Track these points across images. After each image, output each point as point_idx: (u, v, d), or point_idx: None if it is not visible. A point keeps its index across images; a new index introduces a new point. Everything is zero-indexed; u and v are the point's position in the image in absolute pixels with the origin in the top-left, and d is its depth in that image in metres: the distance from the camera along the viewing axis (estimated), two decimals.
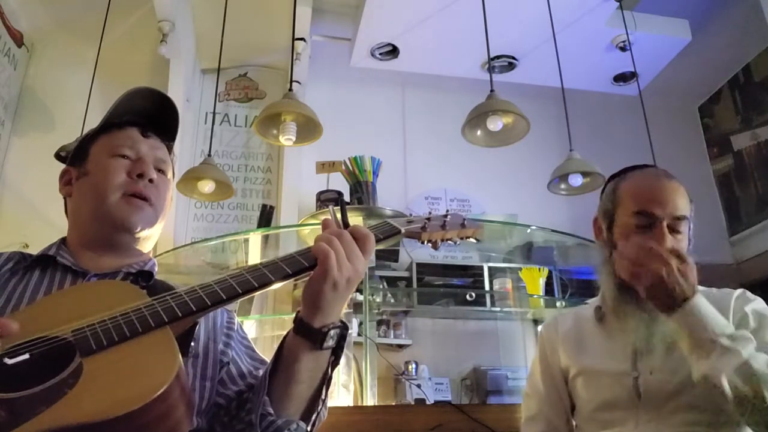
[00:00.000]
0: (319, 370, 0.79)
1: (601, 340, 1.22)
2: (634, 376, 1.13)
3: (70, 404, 0.59)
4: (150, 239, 0.98)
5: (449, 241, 0.95)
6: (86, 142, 0.99)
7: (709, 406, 1.05)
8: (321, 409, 0.81)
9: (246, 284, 0.74)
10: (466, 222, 0.97)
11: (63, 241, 0.96)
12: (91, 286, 0.84)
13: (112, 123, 0.98)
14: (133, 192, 0.92)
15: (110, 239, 0.92)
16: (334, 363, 0.80)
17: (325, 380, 0.80)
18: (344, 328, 0.79)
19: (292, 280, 0.77)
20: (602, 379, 1.19)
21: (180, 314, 0.69)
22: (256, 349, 0.97)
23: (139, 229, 0.93)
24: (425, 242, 0.92)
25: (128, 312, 0.68)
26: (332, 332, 0.76)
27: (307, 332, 0.76)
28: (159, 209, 0.96)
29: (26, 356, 0.63)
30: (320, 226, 0.82)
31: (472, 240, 0.98)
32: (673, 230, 1.12)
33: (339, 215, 0.83)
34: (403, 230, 0.90)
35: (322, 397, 0.81)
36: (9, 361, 0.62)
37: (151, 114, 1.00)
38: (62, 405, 0.59)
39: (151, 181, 0.94)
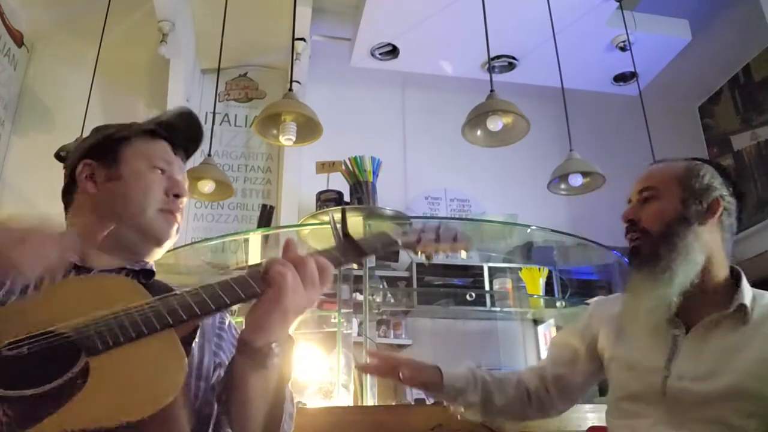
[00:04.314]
0: (269, 386, 0.78)
1: (643, 331, 1.20)
2: (665, 375, 1.12)
3: (80, 407, 0.59)
4: (162, 251, 1.00)
5: (442, 253, 0.99)
6: (116, 142, 0.97)
7: (733, 422, 1.04)
8: (284, 422, 0.82)
9: (249, 288, 0.74)
10: (458, 235, 1.00)
11: None
12: (91, 280, 0.83)
13: (147, 130, 0.98)
14: (170, 210, 0.95)
15: (135, 246, 0.93)
16: (285, 377, 0.80)
17: (282, 395, 0.80)
18: (289, 342, 0.78)
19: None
20: (633, 370, 1.18)
21: (184, 317, 0.69)
22: None
23: (167, 243, 0.96)
24: (420, 254, 0.97)
25: (131, 311, 0.68)
26: (276, 350, 0.76)
27: (249, 352, 0.76)
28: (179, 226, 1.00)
29: (26, 352, 0.63)
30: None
31: (463, 253, 1.01)
32: (644, 200, 1.21)
33: (339, 225, 0.84)
34: (399, 241, 0.93)
35: (287, 410, 0.82)
36: (8, 353, 0.62)
37: (179, 134, 1.02)
38: (72, 407, 0.58)
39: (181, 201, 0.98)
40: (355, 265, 2.85)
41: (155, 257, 0.98)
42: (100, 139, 0.98)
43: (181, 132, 1.02)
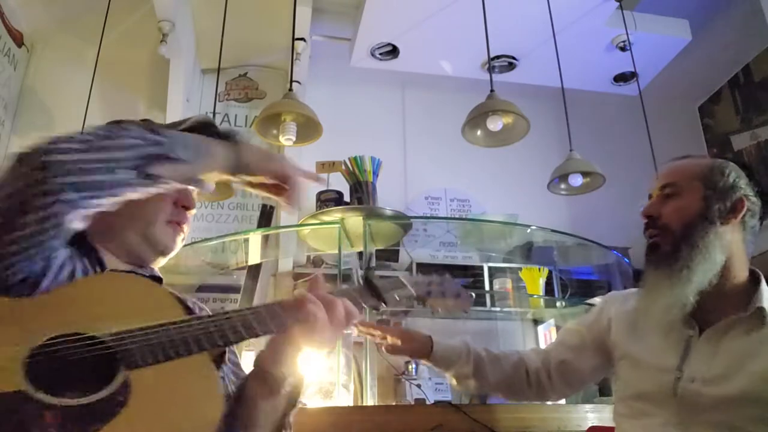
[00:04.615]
0: (276, 412, 0.81)
1: (657, 330, 1.18)
2: (677, 376, 1.10)
3: (125, 427, 0.59)
4: (166, 259, 1.01)
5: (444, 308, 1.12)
6: None
7: (744, 427, 1.02)
8: None
9: (280, 321, 0.77)
10: (461, 293, 1.11)
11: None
12: (119, 279, 0.83)
13: None
14: (177, 221, 0.96)
15: (139, 253, 0.94)
16: (292, 404, 0.83)
17: (283, 423, 0.83)
18: (300, 373, 0.83)
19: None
20: (644, 369, 1.17)
21: (219, 343, 0.72)
22: (241, 366, 0.99)
23: (172, 254, 0.97)
24: (426, 305, 1.08)
25: (170, 329, 0.69)
26: (290, 378, 0.80)
27: (265, 378, 0.79)
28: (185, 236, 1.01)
29: (65, 354, 0.63)
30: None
31: (463, 312, 1.16)
32: (665, 197, 1.19)
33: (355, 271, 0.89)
34: (414, 293, 1.02)
35: None
36: (46, 353, 0.62)
37: None
38: (118, 425, 0.59)
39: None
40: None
41: (159, 264, 0.99)
42: None
43: None
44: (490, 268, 3.56)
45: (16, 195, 0.66)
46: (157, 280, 0.96)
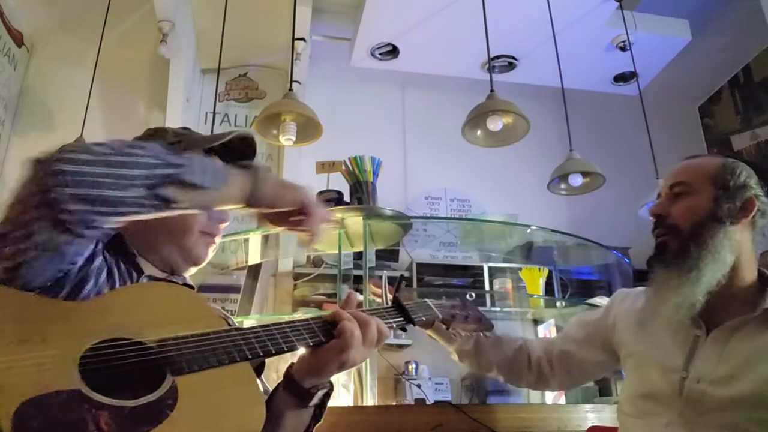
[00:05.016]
0: (301, 425, 0.84)
1: (664, 329, 1.17)
2: (683, 376, 1.09)
3: (174, 430, 0.61)
4: (197, 269, 1.02)
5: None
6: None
7: (749, 429, 1.01)
8: None
9: (316, 337, 0.79)
10: (482, 318, 1.18)
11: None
12: (163, 288, 0.85)
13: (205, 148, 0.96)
14: (210, 232, 0.97)
15: (174, 263, 0.95)
16: (317, 419, 0.85)
17: None
18: (330, 388, 0.85)
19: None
20: (650, 368, 1.16)
21: (261, 354, 0.74)
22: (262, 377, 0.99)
23: (203, 264, 0.98)
24: (450, 328, 1.12)
25: (211, 337, 0.71)
26: (320, 392, 0.82)
27: (296, 391, 0.81)
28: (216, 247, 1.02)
29: (113, 358, 0.64)
30: (340, 308, 0.87)
31: (483, 334, 1.24)
32: (674, 196, 1.18)
33: (384, 290, 0.91)
34: (440, 315, 1.06)
35: None
36: (96, 356, 0.63)
37: (235, 158, 0.99)
38: (166, 429, 0.60)
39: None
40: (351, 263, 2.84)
41: (190, 273, 1.01)
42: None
43: (238, 156, 0.98)
44: (490, 268, 3.57)
45: (28, 199, 0.67)
46: (190, 288, 0.96)
